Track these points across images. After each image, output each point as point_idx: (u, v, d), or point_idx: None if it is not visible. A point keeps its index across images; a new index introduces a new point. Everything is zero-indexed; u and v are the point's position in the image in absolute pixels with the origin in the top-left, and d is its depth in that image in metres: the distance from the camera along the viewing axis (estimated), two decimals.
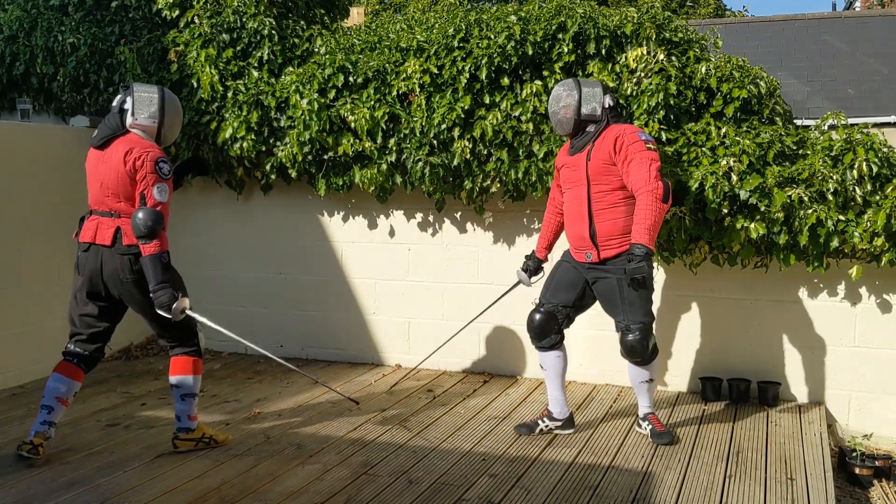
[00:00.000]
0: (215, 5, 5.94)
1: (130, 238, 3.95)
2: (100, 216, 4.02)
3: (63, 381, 4.08)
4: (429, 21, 5.71)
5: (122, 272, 3.96)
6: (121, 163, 3.93)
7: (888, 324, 4.92)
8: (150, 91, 4.06)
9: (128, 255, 3.95)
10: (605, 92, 4.32)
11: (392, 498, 3.61)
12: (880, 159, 4.58)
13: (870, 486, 4.55)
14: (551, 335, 4.43)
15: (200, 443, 4.20)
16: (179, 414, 4.16)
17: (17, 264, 5.48)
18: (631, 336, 4.20)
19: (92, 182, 4.07)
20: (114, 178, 3.97)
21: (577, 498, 3.63)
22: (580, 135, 4.34)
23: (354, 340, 6.13)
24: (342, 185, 5.68)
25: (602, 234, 4.20)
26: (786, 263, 4.85)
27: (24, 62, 6.42)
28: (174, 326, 4.10)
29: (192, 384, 4.14)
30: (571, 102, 4.28)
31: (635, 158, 4.11)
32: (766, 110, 5.03)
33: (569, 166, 4.37)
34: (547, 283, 4.51)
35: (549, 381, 4.51)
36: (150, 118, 4.04)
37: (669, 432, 4.34)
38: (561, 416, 4.49)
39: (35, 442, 4.03)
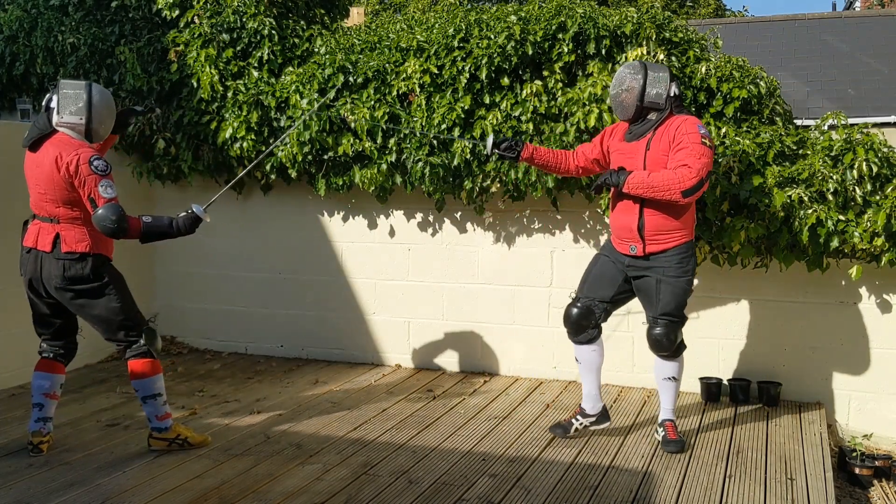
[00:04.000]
0: (215, 5, 5.94)
1: (69, 245, 3.92)
2: (41, 221, 3.99)
3: (45, 378, 4.12)
4: (429, 21, 5.71)
5: (55, 278, 3.95)
6: (53, 168, 3.84)
7: (888, 324, 4.92)
8: (76, 87, 3.90)
9: (62, 261, 3.92)
10: (672, 80, 4.14)
11: (392, 498, 3.61)
12: (880, 159, 4.58)
13: (870, 486, 4.55)
14: (588, 329, 4.35)
15: (174, 444, 4.17)
16: (148, 415, 4.15)
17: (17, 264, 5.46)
18: (657, 329, 4.16)
19: (30, 186, 4.01)
20: (48, 182, 3.89)
21: (577, 498, 3.63)
22: (640, 122, 4.16)
23: (354, 340, 6.13)
24: (342, 185, 5.68)
25: (650, 227, 4.09)
26: (786, 263, 4.85)
27: (24, 62, 6.41)
28: (117, 325, 4.03)
29: (149, 385, 4.06)
30: (635, 86, 4.10)
31: (687, 147, 3.97)
32: (766, 110, 5.03)
33: (623, 153, 4.20)
34: (585, 277, 4.41)
35: (584, 375, 4.44)
36: (76, 115, 3.89)
37: (680, 441, 4.25)
38: (594, 412, 4.44)
39: (34, 441, 4.08)
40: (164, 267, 6.47)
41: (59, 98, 3.89)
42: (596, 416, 4.45)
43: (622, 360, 5.47)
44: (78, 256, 3.92)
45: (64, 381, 4.23)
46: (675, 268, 4.12)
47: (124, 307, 4.04)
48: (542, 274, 5.61)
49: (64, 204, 3.92)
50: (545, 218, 5.58)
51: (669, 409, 4.34)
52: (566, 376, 5.62)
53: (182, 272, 6.49)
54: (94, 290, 3.99)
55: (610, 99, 4.30)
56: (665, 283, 4.12)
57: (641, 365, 5.39)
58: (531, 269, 5.63)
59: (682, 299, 4.18)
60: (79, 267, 3.94)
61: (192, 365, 6.01)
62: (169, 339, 6.51)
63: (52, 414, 4.18)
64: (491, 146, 4.46)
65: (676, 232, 4.11)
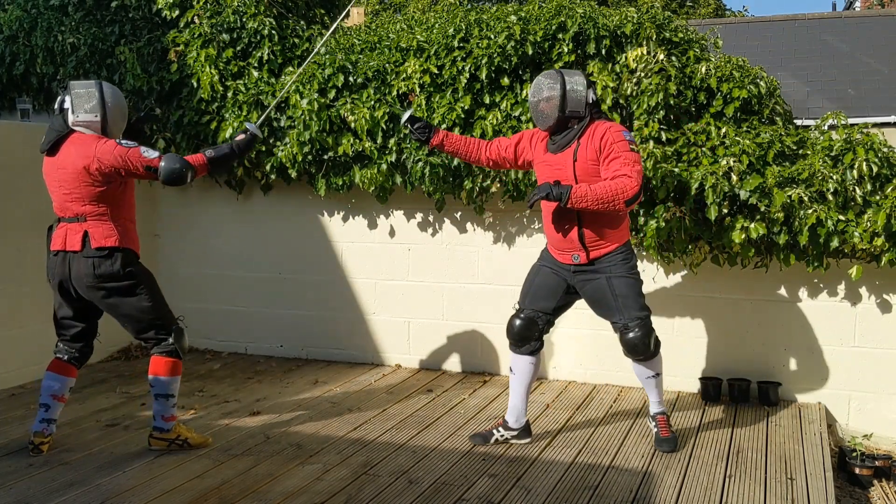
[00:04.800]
0: (215, 5, 5.95)
1: (98, 240, 3.95)
2: (67, 223, 4.00)
3: (56, 379, 4.13)
4: (429, 21, 5.71)
5: (86, 277, 3.96)
6: (80, 171, 3.89)
7: (888, 324, 4.93)
8: (87, 87, 3.97)
9: (92, 259, 3.94)
10: (589, 86, 4.09)
11: (392, 498, 3.61)
12: (880, 159, 4.58)
13: (870, 486, 4.55)
14: (531, 341, 4.29)
15: (174, 444, 4.18)
16: (155, 413, 4.16)
17: (18, 264, 5.48)
18: (631, 334, 4.07)
19: (52, 189, 4.04)
20: (74, 181, 3.92)
21: (577, 498, 3.63)
22: (562, 132, 4.11)
23: (354, 340, 6.13)
24: (342, 185, 5.68)
25: (590, 235, 4.07)
26: (786, 263, 4.85)
27: (24, 62, 6.42)
28: (147, 324, 4.07)
29: (166, 385, 4.09)
30: (555, 95, 4.04)
31: (620, 157, 3.95)
32: (766, 110, 5.03)
33: (550, 164, 4.14)
34: (526, 288, 4.35)
35: (514, 387, 4.35)
36: (91, 112, 3.95)
37: (673, 438, 4.25)
38: (517, 426, 4.34)
39: (35, 441, 4.09)
40: (165, 267, 6.46)
41: (72, 98, 3.94)
42: (518, 431, 4.34)
43: (622, 361, 5.46)
44: (107, 252, 3.94)
45: (73, 384, 4.24)
46: (620, 264, 4.09)
47: (155, 305, 4.08)
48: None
49: (90, 201, 3.94)
50: None
51: (658, 402, 4.32)
52: (565, 376, 5.62)
53: (182, 272, 6.49)
54: (126, 288, 4.01)
55: (530, 108, 4.21)
56: (615, 278, 4.08)
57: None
58: None
59: (638, 290, 4.12)
60: (108, 264, 3.95)
61: (192, 365, 6.01)
62: None
63: (57, 416, 4.19)
64: (405, 119, 4.44)
65: (615, 234, 4.09)
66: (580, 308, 5.50)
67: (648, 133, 4.92)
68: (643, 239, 4.97)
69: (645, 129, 4.94)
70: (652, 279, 5.34)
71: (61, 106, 3.98)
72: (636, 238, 5.09)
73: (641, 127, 4.96)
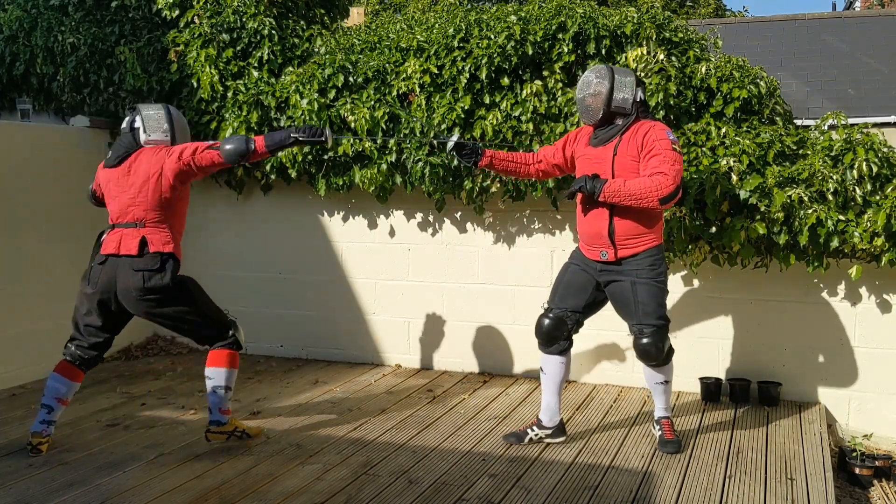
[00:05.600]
0: (215, 5, 5.95)
1: (157, 245, 4.02)
2: (123, 228, 4.07)
3: (62, 382, 4.14)
4: (429, 21, 5.71)
5: (135, 290, 3.99)
6: (153, 175, 4.04)
7: (888, 324, 4.92)
8: (156, 110, 4.19)
9: (142, 272, 3.97)
10: (638, 84, 4.07)
11: (392, 498, 3.61)
12: (880, 159, 4.57)
13: (870, 486, 4.55)
14: (560, 341, 4.27)
15: (232, 436, 4.24)
16: (211, 406, 4.20)
17: (17, 264, 5.48)
18: (644, 339, 4.06)
19: (115, 197, 4.12)
20: (142, 186, 4.05)
21: (577, 498, 3.63)
22: (606, 127, 4.10)
23: (354, 340, 6.13)
24: (342, 185, 5.68)
25: (620, 232, 4.05)
26: (786, 263, 4.85)
27: (24, 62, 6.42)
28: (206, 328, 4.17)
29: (224, 377, 4.16)
30: (602, 91, 4.02)
31: (659, 155, 3.93)
32: (766, 110, 5.03)
33: (590, 158, 4.14)
34: (555, 287, 4.35)
35: (546, 386, 4.35)
36: (163, 133, 4.17)
37: (677, 441, 4.24)
38: (551, 425, 4.35)
39: (33, 442, 4.10)
40: None
41: (143, 120, 4.16)
42: (552, 430, 4.34)
43: (622, 361, 5.47)
44: (159, 264, 3.99)
45: (77, 389, 4.26)
46: (647, 270, 4.06)
47: (207, 309, 4.18)
48: (542, 274, 5.61)
49: (154, 208, 4.05)
50: (545, 218, 5.58)
51: (664, 408, 4.32)
52: None
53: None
54: (177, 298, 4.07)
55: (577, 103, 4.20)
56: (640, 284, 4.05)
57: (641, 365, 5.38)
58: (531, 269, 5.63)
59: (661, 300, 4.10)
60: (158, 277, 4.00)
61: (192, 365, 6.00)
62: (169, 339, 6.51)
63: (57, 418, 4.20)
64: (451, 148, 4.45)
65: (647, 235, 4.07)
66: None
67: None
68: None
69: None
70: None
71: (131, 126, 4.17)
72: None
73: None
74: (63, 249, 5.77)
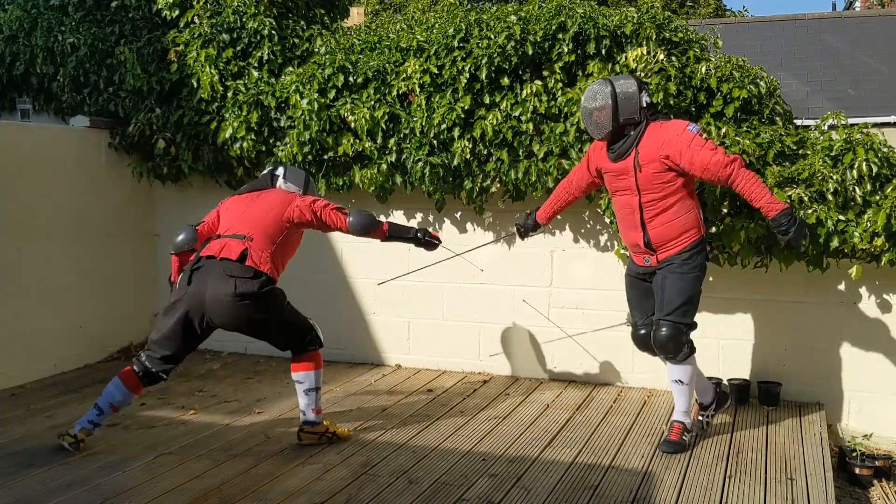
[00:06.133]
0: (215, 5, 5.95)
1: (255, 261, 4.04)
2: (228, 238, 4.12)
3: (123, 392, 4.14)
4: (429, 21, 5.71)
5: (226, 296, 3.96)
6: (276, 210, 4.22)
7: (888, 324, 4.92)
8: (297, 173, 4.54)
9: (235, 278, 3.97)
10: (641, 90, 4.06)
11: (392, 498, 3.61)
12: (880, 159, 4.57)
13: (870, 486, 4.55)
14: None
15: (323, 437, 4.28)
16: (304, 409, 4.25)
17: (17, 264, 5.48)
18: (660, 331, 4.11)
19: (231, 213, 4.27)
20: (264, 212, 4.21)
21: (577, 498, 3.63)
22: (620, 140, 4.09)
23: (354, 340, 6.13)
24: (342, 185, 5.68)
25: (657, 239, 4.10)
26: (786, 263, 4.85)
27: (24, 62, 6.42)
28: (294, 335, 4.23)
29: (314, 378, 4.23)
30: (607, 105, 4.02)
31: (699, 153, 3.90)
32: (766, 110, 5.03)
33: (614, 173, 4.16)
34: (629, 302, 4.45)
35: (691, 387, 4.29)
36: (298, 185, 4.50)
37: (679, 443, 4.22)
38: (710, 400, 4.51)
39: (79, 437, 4.13)
40: (164, 267, 6.45)
41: (285, 172, 4.51)
42: (714, 401, 4.53)
43: (622, 361, 5.47)
44: (252, 274, 4.01)
45: (132, 402, 4.33)
46: (681, 263, 4.10)
47: (295, 317, 4.25)
48: (542, 274, 5.61)
49: (265, 230, 4.16)
50: None
51: (680, 411, 4.30)
52: (565, 377, 5.62)
53: None
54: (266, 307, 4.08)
55: (583, 118, 4.18)
56: (670, 275, 4.10)
57: (641, 365, 5.39)
58: (531, 269, 5.63)
59: (689, 295, 4.10)
60: (249, 284, 4.00)
61: (192, 365, 6.00)
62: None
63: (104, 422, 4.23)
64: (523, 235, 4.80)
65: (685, 234, 4.11)
66: (580, 308, 5.52)
67: None
68: None
69: None
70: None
71: (273, 172, 4.53)
72: None
73: None
74: (63, 249, 5.78)
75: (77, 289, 5.88)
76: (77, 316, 5.89)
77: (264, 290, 4.02)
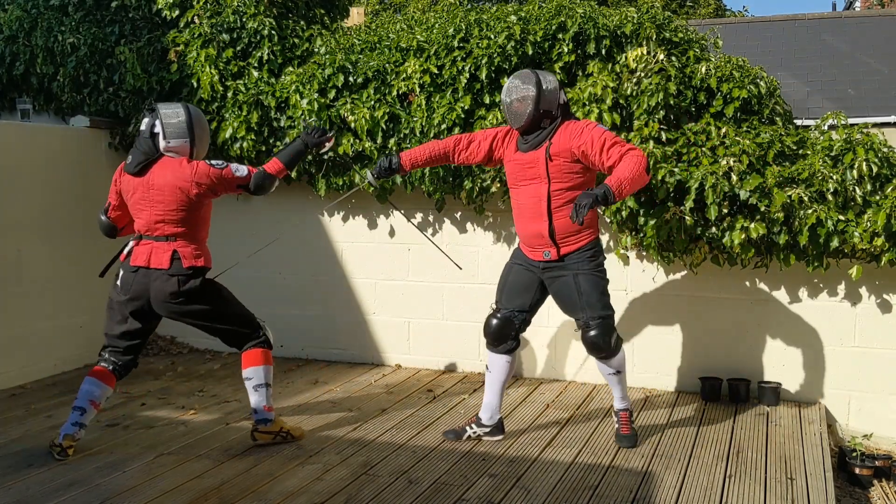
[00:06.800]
0: (215, 5, 5.95)
1: (189, 260, 4.04)
2: (153, 241, 4.06)
3: (98, 385, 4.14)
4: (429, 21, 5.71)
5: (170, 295, 4.01)
6: (178, 194, 3.99)
7: (888, 324, 4.93)
8: (176, 113, 4.07)
9: (177, 277, 4.01)
10: (560, 87, 4.16)
11: (392, 498, 3.61)
12: (880, 159, 4.58)
13: (870, 486, 4.55)
14: (508, 340, 4.30)
15: (278, 436, 4.27)
16: (256, 406, 4.24)
17: (18, 264, 5.48)
18: (592, 332, 4.10)
19: (140, 208, 4.08)
20: (170, 204, 4.01)
21: (577, 498, 3.63)
22: (535, 132, 4.13)
23: (354, 340, 6.13)
24: (342, 185, 5.68)
25: (560, 230, 4.09)
26: (786, 263, 4.85)
27: (24, 62, 6.41)
28: (236, 324, 4.21)
29: (263, 374, 4.22)
30: (529, 95, 4.07)
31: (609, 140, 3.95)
32: (766, 110, 5.03)
33: (520, 163, 4.18)
34: (500, 287, 4.38)
35: (490, 385, 4.37)
36: (182, 138, 4.06)
37: (633, 436, 4.28)
38: (490, 423, 4.37)
39: (64, 444, 4.06)
40: None
41: (162, 124, 4.04)
42: (490, 428, 4.38)
43: None
44: (192, 272, 4.03)
45: (111, 394, 4.27)
46: (587, 262, 4.11)
47: (238, 309, 4.25)
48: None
49: (182, 223, 4.04)
50: None
51: (621, 398, 4.34)
52: (566, 376, 5.62)
53: None
54: (210, 300, 4.13)
55: (504, 108, 4.22)
56: (582, 275, 4.10)
57: (641, 365, 5.39)
58: None
59: (603, 290, 4.14)
60: (193, 282, 4.04)
61: (192, 365, 6.01)
62: (169, 339, 6.51)
63: (88, 421, 4.19)
64: (371, 178, 4.54)
65: (585, 231, 4.10)
66: None
67: (648, 133, 4.92)
68: (643, 239, 4.97)
69: (645, 129, 4.94)
70: (652, 279, 5.34)
71: (151, 130, 4.05)
72: (636, 238, 5.09)
73: (641, 127, 4.96)
74: (63, 249, 5.78)
75: (77, 289, 5.87)
76: (77, 316, 5.89)
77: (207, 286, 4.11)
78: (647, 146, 4.85)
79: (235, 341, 4.28)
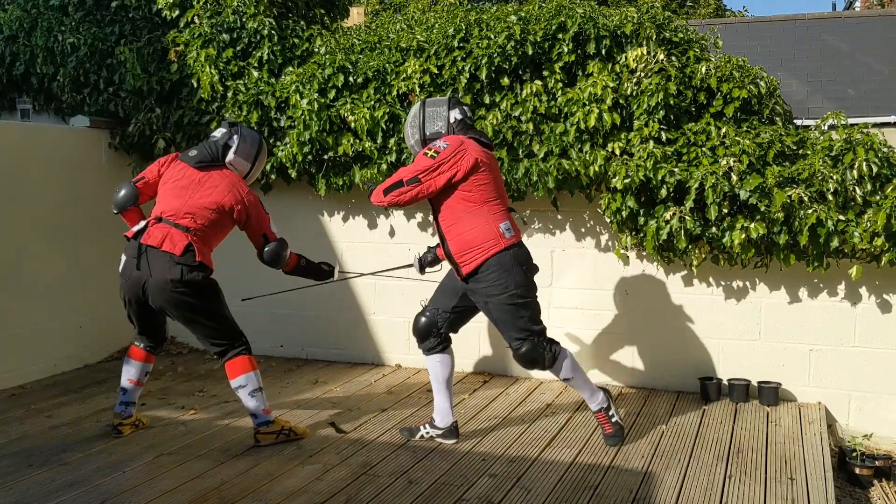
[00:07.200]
0: (215, 5, 5.95)
1: (202, 256, 4.12)
2: (172, 226, 4.14)
3: (133, 364, 4.37)
4: (429, 21, 5.71)
5: (171, 281, 4.04)
6: (222, 205, 4.22)
7: (888, 324, 4.93)
8: (254, 139, 4.44)
9: (182, 265, 4.06)
10: (453, 107, 4.19)
11: (392, 498, 3.61)
12: (880, 159, 4.58)
13: (870, 486, 4.55)
14: (430, 338, 4.29)
15: (280, 435, 4.29)
16: (254, 412, 4.26)
17: (18, 264, 5.48)
18: (521, 351, 4.08)
19: (176, 195, 4.21)
20: (210, 203, 4.20)
21: (577, 498, 3.63)
22: None
23: (354, 340, 6.13)
24: (342, 185, 5.68)
25: (455, 250, 4.06)
26: (786, 263, 4.85)
27: (24, 62, 6.42)
28: (220, 331, 4.24)
29: (255, 379, 4.25)
30: (416, 124, 4.21)
31: None
32: (766, 110, 5.03)
33: None
34: (437, 289, 4.43)
35: (433, 386, 4.36)
36: (247, 161, 4.42)
37: (617, 433, 4.27)
38: (442, 425, 4.33)
39: (114, 422, 4.38)
40: None
41: (238, 142, 4.38)
42: (443, 431, 4.33)
43: (621, 361, 5.47)
44: (200, 266, 4.12)
45: (151, 369, 4.46)
46: (494, 287, 3.99)
47: (227, 314, 4.29)
48: (542, 274, 5.59)
49: (207, 223, 4.19)
50: (545, 218, 5.58)
51: (588, 400, 4.32)
52: None
53: None
54: (206, 298, 4.18)
55: None
56: (491, 304, 4.05)
57: (641, 365, 5.39)
58: None
59: (519, 314, 4.02)
60: (196, 273, 4.11)
61: (192, 365, 6.01)
62: (169, 339, 6.50)
63: (135, 399, 4.43)
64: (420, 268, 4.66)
65: (478, 248, 4.01)
66: (579, 308, 5.52)
67: (648, 133, 4.93)
68: (643, 240, 4.97)
69: (645, 129, 4.94)
70: (652, 279, 5.34)
71: (226, 141, 4.36)
72: (636, 238, 5.09)
73: (641, 127, 4.97)
74: (63, 249, 5.78)
75: (77, 289, 5.88)
76: (77, 316, 5.89)
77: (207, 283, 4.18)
78: (647, 146, 4.85)
79: (214, 342, 4.25)
